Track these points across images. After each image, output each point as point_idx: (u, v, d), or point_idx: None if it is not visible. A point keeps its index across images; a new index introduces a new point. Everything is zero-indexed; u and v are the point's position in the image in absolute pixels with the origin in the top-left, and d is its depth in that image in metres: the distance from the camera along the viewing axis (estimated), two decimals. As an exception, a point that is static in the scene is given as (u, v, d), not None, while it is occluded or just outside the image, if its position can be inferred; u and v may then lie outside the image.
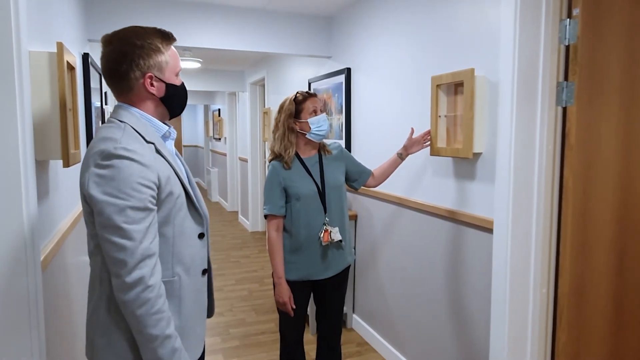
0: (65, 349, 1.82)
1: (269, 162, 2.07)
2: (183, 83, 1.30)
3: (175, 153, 1.33)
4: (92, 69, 2.67)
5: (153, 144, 1.18)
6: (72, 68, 1.74)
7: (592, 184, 1.73)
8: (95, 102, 2.82)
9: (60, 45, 1.50)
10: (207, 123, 10.15)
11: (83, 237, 2.45)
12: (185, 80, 1.38)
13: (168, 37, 1.23)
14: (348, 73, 3.22)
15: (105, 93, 3.55)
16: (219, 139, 8.65)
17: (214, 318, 3.46)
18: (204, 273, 1.33)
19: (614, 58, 1.64)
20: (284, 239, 2.04)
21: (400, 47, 2.59)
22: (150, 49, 1.18)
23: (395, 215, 2.70)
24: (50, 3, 1.82)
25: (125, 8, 2.90)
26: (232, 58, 5.49)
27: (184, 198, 1.23)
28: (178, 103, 1.29)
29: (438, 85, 2.14)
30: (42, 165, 1.57)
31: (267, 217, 2.03)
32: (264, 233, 6.23)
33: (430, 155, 2.24)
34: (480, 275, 2.03)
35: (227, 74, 6.63)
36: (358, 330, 3.22)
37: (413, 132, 2.20)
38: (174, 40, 1.25)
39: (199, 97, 8.99)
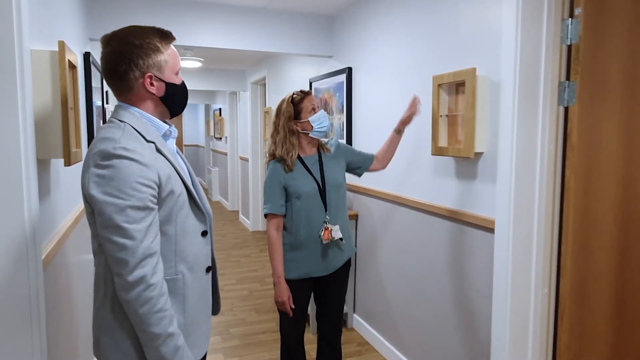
0: (67, 348, 1.82)
1: (268, 162, 2.07)
2: (183, 82, 1.30)
3: (177, 151, 1.33)
4: (93, 68, 2.67)
5: (153, 143, 1.18)
6: (73, 67, 1.74)
7: (593, 184, 1.73)
8: (97, 101, 2.82)
9: (62, 44, 1.50)
10: (208, 122, 10.15)
11: (84, 236, 2.46)
12: (186, 80, 1.38)
13: (167, 36, 1.23)
14: (349, 72, 3.21)
15: (107, 92, 3.55)
16: (220, 139, 8.65)
17: (215, 317, 3.46)
18: (208, 271, 1.34)
19: (616, 58, 1.64)
20: (285, 238, 2.04)
21: (402, 46, 2.58)
22: (149, 49, 1.18)
23: (396, 215, 2.69)
24: (52, 2, 1.82)
25: (127, 7, 2.90)
26: (233, 57, 5.49)
27: (186, 196, 1.23)
28: (178, 102, 1.29)
29: (439, 85, 2.13)
30: (43, 164, 1.57)
31: (267, 216, 2.03)
32: (265, 232, 6.21)
33: (432, 155, 2.24)
34: (482, 275, 2.02)
35: (228, 74, 6.63)
36: (359, 330, 3.21)
37: (417, 98, 2.16)
38: (173, 39, 1.25)
39: (200, 96, 9.00)
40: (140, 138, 1.16)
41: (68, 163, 1.56)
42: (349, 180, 3.26)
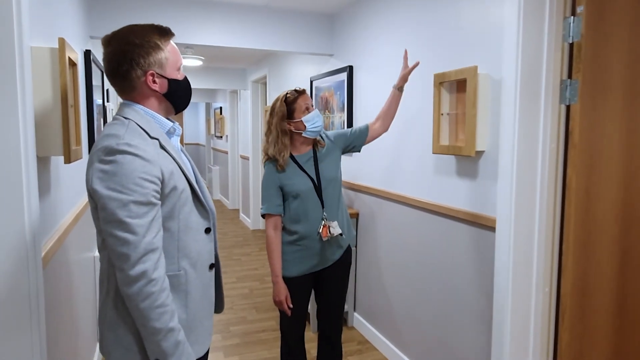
0: (67, 347, 1.82)
1: (263, 163, 2.07)
2: (186, 77, 1.31)
3: (181, 149, 1.34)
4: (94, 66, 2.67)
5: (157, 140, 1.19)
6: (73, 64, 1.73)
7: (595, 183, 1.72)
8: (97, 99, 2.82)
9: (62, 41, 1.50)
10: (208, 121, 10.15)
11: (85, 234, 2.45)
12: (187, 78, 1.37)
13: (166, 32, 1.23)
14: (350, 71, 3.21)
15: (107, 90, 3.55)
16: (221, 137, 8.65)
17: (215, 316, 3.46)
18: (211, 268, 1.35)
19: (618, 56, 1.63)
20: (284, 237, 2.05)
21: (403, 44, 2.58)
22: (149, 47, 1.19)
23: (397, 214, 2.69)
24: (53, 0, 1.82)
25: (127, 5, 2.89)
26: (234, 56, 5.48)
27: (189, 193, 1.24)
28: (182, 97, 1.29)
29: (441, 83, 2.13)
30: (43, 162, 1.57)
31: (264, 216, 2.04)
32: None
33: (433, 154, 2.23)
34: (482, 274, 2.02)
35: (228, 72, 6.63)
36: (359, 329, 3.21)
37: (406, 54, 2.15)
38: (172, 35, 1.26)
39: (201, 95, 9.00)
40: (144, 135, 1.17)
41: (68, 160, 1.56)
42: (350, 179, 3.26)
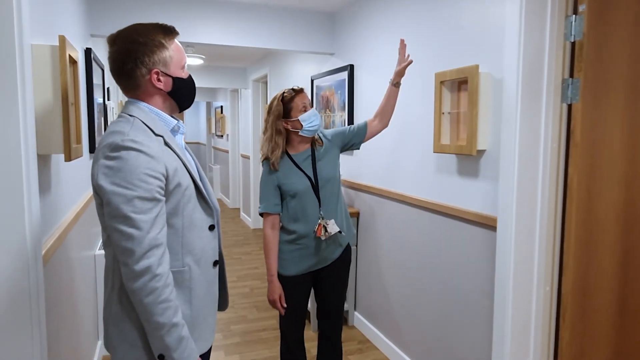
0: (68, 344, 1.82)
1: (261, 161, 2.07)
2: (190, 76, 1.32)
3: (185, 147, 1.35)
4: (94, 64, 2.66)
5: (162, 137, 1.20)
6: (74, 62, 1.73)
7: (596, 182, 1.72)
8: (98, 97, 2.81)
9: (63, 39, 1.50)
10: (209, 120, 10.15)
11: (86, 231, 2.45)
12: (188, 77, 1.38)
13: (170, 31, 1.25)
14: (351, 70, 3.20)
15: (108, 89, 3.54)
16: (221, 136, 8.65)
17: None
18: (215, 264, 1.36)
19: (620, 55, 1.63)
20: (282, 236, 2.05)
21: (404, 43, 2.57)
22: (154, 45, 1.20)
23: (397, 213, 2.69)
24: (53, -3, 1.81)
25: (128, 4, 2.89)
26: (234, 54, 5.48)
27: (193, 190, 1.25)
28: (186, 95, 1.31)
29: (442, 82, 2.12)
30: (43, 160, 1.57)
31: (262, 215, 2.04)
32: (266, 230, 6.21)
33: (434, 153, 2.23)
34: (483, 273, 2.02)
35: (229, 71, 6.62)
36: (359, 328, 3.21)
37: (403, 42, 2.10)
38: (177, 34, 1.27)
39: (202, 94, 9.00)
40: (149, 132, 1.18)
41: (69, 158, 1.56)
42: (350, 178, 3.26)
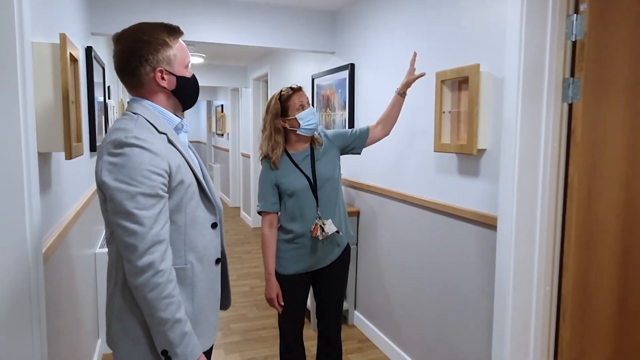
0: (68, 342, 1.82)
1: (260, 160, 2.07)
2: (194, 75, 1.33)
3: (188, 145, 1.36)
4: (95, 63, 2.66)
5: (165, 135, 1.21)
6: (75, 60, 1.73)
7: (597, 182, 1.72)
8: (99, 96, 2.81)
9: (63, 37, 1.50)
10: (209, 119, 10.15)
11: (87, 230, 2.45)
12: (189, 75, 1.38)
13: (175, 30, 1.26)
14: (352, 69, 3.20)
15: (109, 87, 3.54)
16: (222, 135, 8.65)
17: (216, 313, 3.46)
18: (218, 262, 1.36)
19: (621, 54, 1.63)
20: (280, 235, 2.05)
21: (405, 42, 2.57)
22: (158, 44, 1.21)
23: (398, 212, 2.69)
24: (54, -5, 1.81)
25: (128, 3, 2.89)
26: (235, 53, 5.48)
27: (196, 187, 1.26)
28: (190, 94, 1.32)
29: (443, 81, 2.12)
30: (44, 158, 1.57)
31: (260, 213, 2.05)
32: (266, 229, 6.21)
33: (434, 152, 2.23)
34: (483, 273, 2.02)
35: (230, 70, 6.62)
36: (359, 327, 3.21)
37: (415, 55, 2.12)
38: (181, 34, 1.28)
39: (202, 92, 8.99)
40: (153, 129, 1.19)
41: (69, 157, 1.56)
42: (351, 177, 3.26)
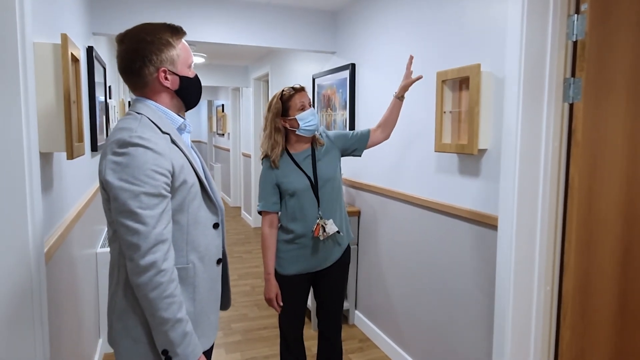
0: (70, 341, 1.82)
1: (261, 159, 2.07)
2: (197, 75, 1.34)
3: (191, 146, 1.36)
4: (96, 63, 2.67)
5: (169, 135, 1.22)
6: (76, 60, 1.73)
7: (598, 182, 1.72)
8: (100, 96, 2.82)
9: (65, 37, 1.50)
10: (210, 118, 10.15)
11: (89, 230, 2.46)
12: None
13: (178, 31, 1.27)
14: (352, 69, 3.20)
15: (110, 87, 3.55)
16: (223, 135, 8.65)
17: (217, 313, 3.46)
18: (219, 262, 1.37)
19: (622, 54, 1.63)
20: (281, 235, 2.05)
21: (406, 42, 2.57)
22: (161, 44, 1.21)
23: (398, 212, 2.69)
24: (55, -5, 1.82)
25: (129, 3, 2.89)
26: (236, 53, 5.48)
27: (198, 188, 1.27)
28: (193, 94, 1.33)
29: (443, 81, 2.12)
30: (46, 158, 1.57)
31: (261, 213, 2.05)
32: (267, 229, 6.21)
33: (435, 152, 2.23)
34: (484, 272, 2.02)
35: (231, 69, 6.62)
36: (360, 327, 3.22)
37: (411, 58, 2.12)
38: (184, 34, 1.29)
39: (203, 92, 8.87)
40: (156, 129, 1.19)
41: (71, 157, 1.56)
42: (351, 177, 3.26)
